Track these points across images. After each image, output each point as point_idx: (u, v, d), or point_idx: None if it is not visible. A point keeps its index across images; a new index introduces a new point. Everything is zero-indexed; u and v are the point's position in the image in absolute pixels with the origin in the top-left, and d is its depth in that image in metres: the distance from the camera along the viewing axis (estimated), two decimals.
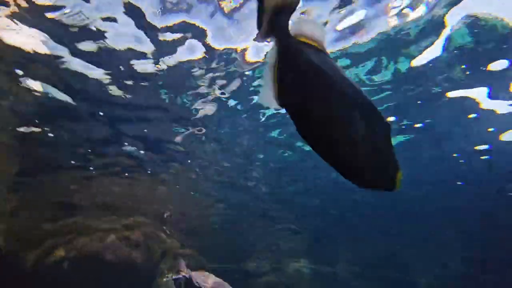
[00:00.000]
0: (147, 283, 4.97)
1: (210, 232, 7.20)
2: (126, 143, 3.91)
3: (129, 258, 4.95)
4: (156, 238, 5.52)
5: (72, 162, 4.23)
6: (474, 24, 2.39)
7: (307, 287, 6.90)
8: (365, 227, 6.60)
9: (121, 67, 2.72)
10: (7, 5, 2.16)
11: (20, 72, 2.74)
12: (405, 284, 6.67)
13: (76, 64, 2.68)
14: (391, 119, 3.59)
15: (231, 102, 3.18)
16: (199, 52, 2.59)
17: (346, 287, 6.92)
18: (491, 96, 3.09)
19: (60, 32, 2.37)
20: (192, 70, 2.72)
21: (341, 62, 2.70)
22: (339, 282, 7.01)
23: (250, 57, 2.66)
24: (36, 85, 2.92)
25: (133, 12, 2.24)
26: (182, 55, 2.60)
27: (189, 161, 4.44)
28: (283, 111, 1.50)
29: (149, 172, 4.70)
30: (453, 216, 5.77)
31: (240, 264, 7.15)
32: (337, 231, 6.94)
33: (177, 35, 2.46)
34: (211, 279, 3.24)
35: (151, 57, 2.62)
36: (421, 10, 2.33)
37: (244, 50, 2.58)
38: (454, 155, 4.23)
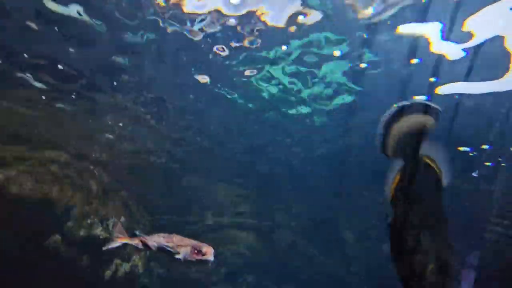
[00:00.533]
0: (62, 221, 4.27)
1: (146, 178, 6.46)
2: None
3: (42, 193, 4.24)
4: (77, 177, 4.77)
5: None
6: None
7: (247, 243, 6.90)
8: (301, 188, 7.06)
9: None
10: None
11: None
12: (335, 241, 7.05)
13: None
14: None
15: None
16: None
17: (285, 242, 7.24)
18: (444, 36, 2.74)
19: None
20: None
21: None
22: (279, 238, 7.23)
23: None
24: None
25: None
26: None
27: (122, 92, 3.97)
28: None
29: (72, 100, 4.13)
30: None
31: (179, 217, 6.69)
32: (278, 189, 7.22)
33: None
34: (174, 237, 2.82)
35: None
36: None
37: None
38: None
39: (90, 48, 3.28)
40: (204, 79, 3.78)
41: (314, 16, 2.78)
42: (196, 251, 2.72)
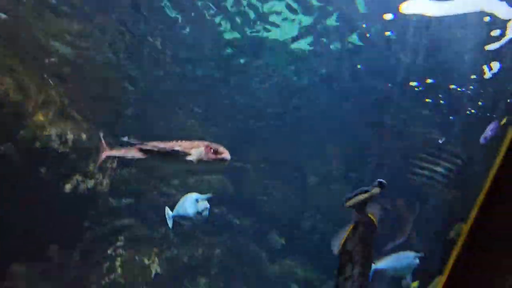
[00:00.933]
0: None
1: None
2: None
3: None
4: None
5: None
6: None
7: (219, 183, 7.15)
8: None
9: None
10: None
11: None
12: (299, 180, 7.61)
13: None
14: None
15: None
16: None
17: (257, 182, 7.63)
18: None
19: None
20: None
21: None
22: (251, 178, 7.63)
23: None
24: None
25: None
26: None
27: None
28: None
29: None
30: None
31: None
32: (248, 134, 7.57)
33: None
34: (178, 141, 2.45)
35: None
36: None
37: None
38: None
39: None
40: None
41: None
42: (211, 151, 2.42)
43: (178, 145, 2.44)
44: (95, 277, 4.50)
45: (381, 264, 3.39)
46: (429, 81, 5.46)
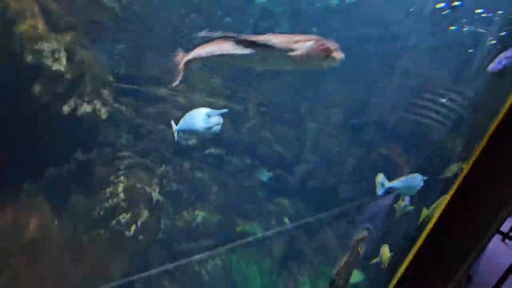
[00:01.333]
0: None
1: None
2: None
3: None
4: None
5: None
6: None
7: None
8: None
9: None
10: None
11: None
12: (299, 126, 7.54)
13: None
14: None
15: None
16: None
17: (256, 125, 7.57)
18: None
19: None
20: None
21: None
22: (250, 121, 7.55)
23: None
24: None
25: None
26: None
27: None
28: None
29: None
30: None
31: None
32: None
33: None
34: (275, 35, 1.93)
35: None
36: None
37: None
38: None
39: None
40: None
41: None
42: (321, 47, 1.92)
43: (276, 39, 1.96)
44: (99, 200, 4.59)
45: (394, 183, 3.62)
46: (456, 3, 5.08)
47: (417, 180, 3.70)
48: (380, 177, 3.64)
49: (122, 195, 4.77)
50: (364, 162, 6.47)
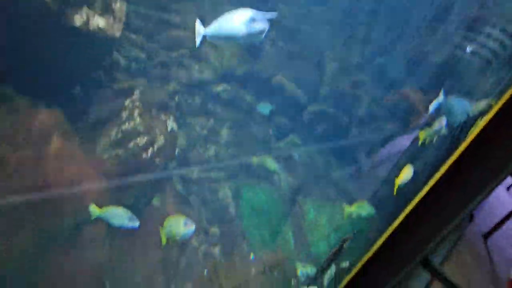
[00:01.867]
0: None
1: None
2: None
3: None
4: None
5: None
6: None
7: (233, 57, 6.90)
8: None
9: None
10: None
11: None
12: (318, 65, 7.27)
13: None
14: None
15: None
16: None
17: (273, 61, 7.30)
18: None
19: None
20: None
21: None
22: (268, 56, 7.20)
23: None
24: None
25: None
26: None
27: None
28: None
29: None
30: None
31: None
32: None
33: None
34: None
35: None
36: None
37: None
38: None
39: None
40: None
41: None
42: None
43: None
44: (115, 123, 4.62)
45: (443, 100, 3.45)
46: None
47: (465, 106, 3.42)
48: (441, 97, 3.40)
49: (138, 119, 4.79)
50: (383, 103, 6.24)
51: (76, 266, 3.50)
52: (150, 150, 4.79)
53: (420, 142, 3.61)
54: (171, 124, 5.35)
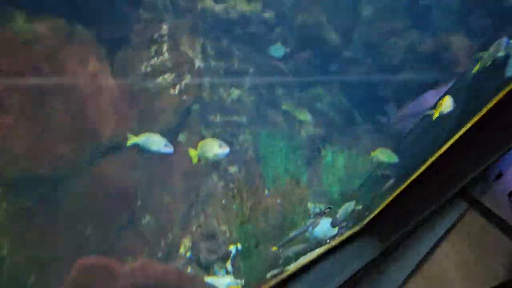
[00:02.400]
0: None
1: None
2: None
3: None
4: None
5: None
6: None
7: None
8: None
9: None
10: None
11: None
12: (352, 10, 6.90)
13: None
14: None
15: None
16: None
17: (302, 7, 6.97)
18: None
19: None
20: None
21: None
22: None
23: None
24: None
25: None
26: None
27: None
28: None
29: None
30: None
31: None
32: None
33: None
34: None
35: None
36: None
37: None
38: None
39: None
40: None
41: None
42: None
43: None
44: (144, 57, 4.70)
45: None
46: None
47: None
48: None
49: (166, 55, 4.83)
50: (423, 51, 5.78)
51: (112, 183, 3.92)
52: (177, 87, 4.91)
53: (475, 69, 3.36)
54: (198, 62, 5.37)
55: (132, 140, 3.40)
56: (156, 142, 3.23)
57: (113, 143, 3.95)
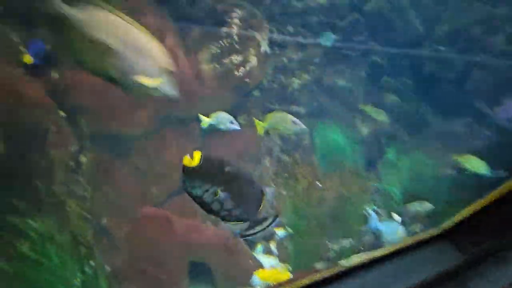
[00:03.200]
0: None
1: None
2: None
3: None
4: None
5: None
6: None
7: None
8: None
9: None
10: None
11: None
12: None
13: None
14: None
15: None
16: None
17: None
18: None
19: None
20: None
21: None
22: None
23: None
24: None
25: None
26: None
27: None
28: None
29: None
30: None
31: None
32: None
33: None
34: None
35: None
36: None
37: None
38: None
39: None
40: None
41: None
42: None
43: None
44: (214, 38, 4.81)
45: None
46: None
47: None
48: None
49: (235, 37, 4.87)
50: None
51: (176, 153, 4.16)
52: (241, 69, 4.94)
53: None
54: (264, 46, 5.32)
55: (207, 120, 3.50)
56: (225, 120, 3.29)
57: (181, 118, 4.17)
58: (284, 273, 2.92)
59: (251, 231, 1.46)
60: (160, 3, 4.13)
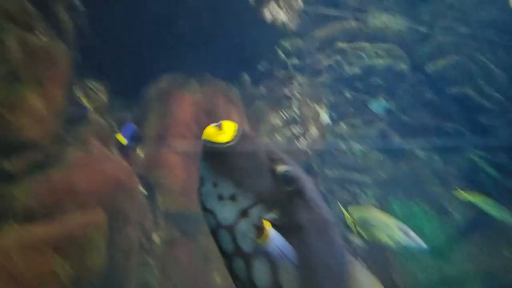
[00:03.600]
0: None
1: None
2: None
3: None
4: None
5: None
6: None
7: None
8: None
9: None
10: None
11: None
12: None
13: None
14: None
15: None
16: None
17: None
18: None
19: None
20: None
21: None
22: None
23: None
24: None
25: None
26: None
27: None
28: None
29: None
30: None
31: None
32: None
33: None
34: None
35: None
36: None
37: None
38: None
39: None
40: None
41: None
42: None
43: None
44: (276, 110, 4.89)
45: None
46: None
47: None
48: None
49: (296, 109, 4.89)
50: None
51: None
52: (302, 139, 4.81)
53: None
54: (323, 117, 5.23)
55: None
56: None
57: None
58: None
59: None
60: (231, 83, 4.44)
